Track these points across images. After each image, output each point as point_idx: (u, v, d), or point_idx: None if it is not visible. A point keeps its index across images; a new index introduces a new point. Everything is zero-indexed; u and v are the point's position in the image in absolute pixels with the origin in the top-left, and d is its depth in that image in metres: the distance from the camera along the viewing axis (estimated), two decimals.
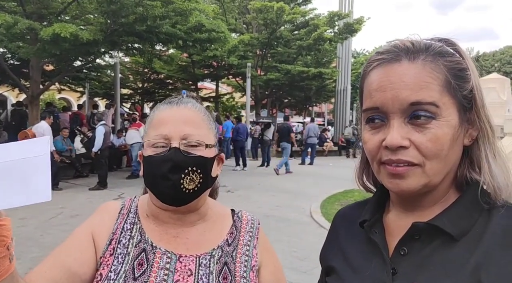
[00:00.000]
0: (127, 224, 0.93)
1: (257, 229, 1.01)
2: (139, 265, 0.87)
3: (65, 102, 23.83)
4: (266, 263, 0.98)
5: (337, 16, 18.31)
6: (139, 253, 0.88)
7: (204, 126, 0.92)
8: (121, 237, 0.91)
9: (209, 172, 0.90)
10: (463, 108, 0.65)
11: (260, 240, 0.99)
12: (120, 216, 0.95)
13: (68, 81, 16.45)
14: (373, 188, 0.81)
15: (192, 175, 0.86)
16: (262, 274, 0.96)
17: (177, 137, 0.87)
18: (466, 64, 0.66)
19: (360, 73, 0.65)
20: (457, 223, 0.64)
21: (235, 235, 0.97)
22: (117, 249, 0.89)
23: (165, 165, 0.85)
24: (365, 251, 0.74)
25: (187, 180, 0.85)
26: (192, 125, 0.89)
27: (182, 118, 0.89)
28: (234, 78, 21.01)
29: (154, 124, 0.91)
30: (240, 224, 1.00)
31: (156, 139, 0.88)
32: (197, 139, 0.88)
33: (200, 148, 0.88)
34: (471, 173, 0.68)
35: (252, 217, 1.04)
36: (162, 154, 0.86)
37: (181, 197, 0.87)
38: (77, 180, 9.91)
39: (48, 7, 10.00)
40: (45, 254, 3.71)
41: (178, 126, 0.87)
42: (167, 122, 0.88)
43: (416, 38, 0.68)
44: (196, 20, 10.61)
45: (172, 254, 0.89)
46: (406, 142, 0.63)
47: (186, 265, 0.88)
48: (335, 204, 7.66)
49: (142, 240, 0.90)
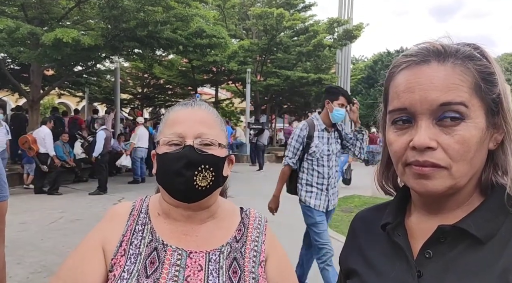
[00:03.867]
0: (138, 226, 0.95)
1: (265, 225, 1.03)
2: (151, 264, 0.89)
3: (64, 107, 23.80)
4: (272, 257, 0.99)
5: (337, 23, 18.40)
6: (150, 252, 0.90)
7: (217, 126, 0.96)
8: (132, 239, 0.93)
9: (221, 171, 0.93)
10: (490, 112, 0.65)
11: (267, 236, 1.01)
12: (131, 217, 0.97)
13: (68, 86, 16.48)
14: (393, 191, 0.80)
15: (205, 172, 0.89)
16: (267, 267, 0.98)
17: (191, 136, 0.90)
18: (493, 68, 0.66)
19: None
20: (483, 226, 0.64)
21: (243, 232, 0.99)
22: (130, 250, 0.91)
23: (180, 161, 0.88)
24: (388, 253, 0.73)
25: (200, 178, 0.88)
26: (206, 125, 0.92)
27: (197, 118, 0.93)
28: (234, 84, 21.04)
29: (169, 123, 0.94)
30: (248, 221, 1.02)
31: (171, 137, 0.91)
32: (211, 138, 0.91)
33: (213, 147, 0.91)
34: (496, 177, 0.67)
35: (260, 214, 1.07)
36: (177, 151, 0.89)
37: (193, 194, 0.89)
38: (77, 184, 9.89)
39: (49, 12, 10.04)
40: (45, 259, 3.68)
41: (192, 125, 0.91)
42: (182, 121, 0.92)
43: (446, 42, 0.68)
44: (196, 26, 10.66)
45: (183, 251, 0.91)
46: (434, 143, 0.62)
47: (196, 261, 0.90)
48: (336, 210, 7.61)
49: (153, 239, 0.92)
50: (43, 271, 4.24)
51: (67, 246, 5.01)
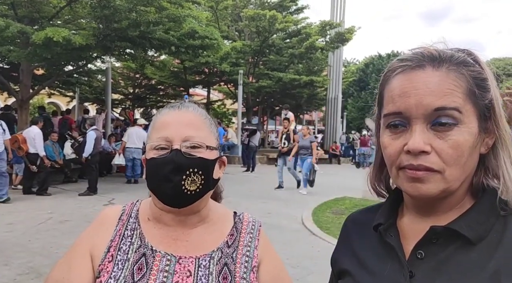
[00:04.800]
0: (127, 231, 0.94)
1: (258, 230, 1.01)
2: (139, 270, 0.87)
3: (54, 106, 23.56)
4: (265, 262, 0.98)
5: (329, 25, 18.54)
6: (139, 258, 0.89)
7: (205, 128, 0.93)
8: (121, 244, 0.91)
9: (210, 174, 0.91)
10: (482, 117, 0.66)
11: (261, 241, 1.00)
12: (120, 222, 0.95)
13: (58, 85, 16.31)
14: (385, 193, 0.81)
15: (193, 176, 0.87)
16: (260, 273, 0.96)
17: (178, 139, 0.88)
18: (486, 74, 0.67)
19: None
20: (474, 228, 0.65)
21: (235, 237, 0.98)
22: (117, 255, 0.89)
23: (167, 166, 0.86)
24: (380, 254, 0.74)
25: (188, 182, 0.87)
26: (193, 127, 0.91)
27: (184, 121, 0.91)
28: (226, 85, 21.05)
29: (156, 127, 0.92)
30: (241, 226, 1.00)
31: (158, 141, 0.89)
32: (198, 141, 0.89)
33: (201, 149, 0.89)
34: (487, 180, 0.69)
35: (254, 218, 1.05)
36: (163, 156, 0.88)
37: (183, 199, 0.88)
38: (66, 185, 9.78)
39: (40, 11, 9.94)
40: (33, 260, 3.64)
41: (179, 129, 0.89)
42: (169, 125, 0.90)
43: (440, 47, 0.69)
44: (189, 27, 10.63)
45: (172, 256, 0.90)
46: (428, 147, 0.64)
47: (185, 266, 0.89)
48: (327, 212, 7.67)
49: (142, 245, 0.91)
50: (30, 272, 4.18)
51: (55, 247, 4.95)
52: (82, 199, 8.19)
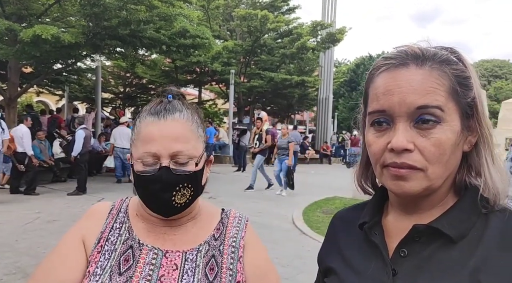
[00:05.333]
0: (116, 224, 0.95)
1: (245, 224, 1.02)
2: (125, 261, 0.88)
3: (43, 105, 23.28)
4: (251, 254, 0.97)
5: (320, 26, 18.60)
6: (125, 250, 0.90)
7: (193, 137, 0.90)
8: (109, 235, 0.93)
9: (199, 183, 0.92)
10: (465, 115, 0.67)
11: (247, 233, 1.00)
12: (110, 216, 0.97)
13: (47, 84, 16.12)
14: (371, 191, 0.82)
15: (183, 190, 0.87)
16: (245, 264, 0.95)
17: (166, 155, 0.85)
18: (469, 72, 0.68)
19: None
20: (456, 226, 0.66)
21: (221, 230, 0.98)
22: (105, 246, 0.90)
23: (156, 184, 0.85)
24: (365, 252, 0.74)
25: (178, 196, 0.87)
26: (181, 141, 0.87)
27: (171, 135, 0.87)
28: (217, 85, 21.00)
29: (141, 139, 0.88)
30: (227, 221, 1.01)
31: (145, 157, 0.86)
32: (187, 154, 0.87)
33: (191, 162, 0.88)
34: (469, 178, 0.69)
35: (241, 214, 1.05)
36: (152, 174, 0.85)
37: (172, 211, 0.90)
38: (55, 184, 9.67)
39: (28, 8, 9.79)
40: (20, 260, 3.59)
41: (167, 144, 0.86)
42: (155, 139, 0.86)
43: (424, 45, 0.69)
44: (180, 26, 10.58)
45: (159, 250, 0.90)
46: (411, 145, 0.64)
47: (172, 260, 0.90)
48: (317, 211, 7.70)
49: (129, 238, 0.92)
50: (17, 272, 4.13)
51: (42, 247, 4.89)
52: (70, 198, 8.10)
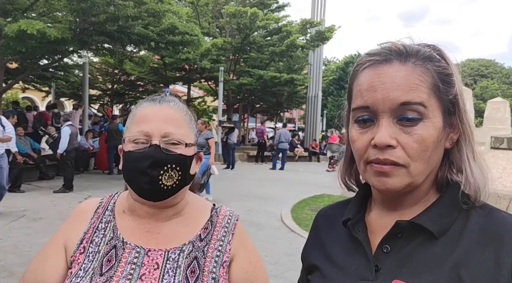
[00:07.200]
0: (101, 223, 0.95)
1: (234, 224, 1.00)
2: (108, 261, 0.89)
3: (29, 101, 22.90)
4: (239, 258, 0.97)
5: (309, 24, 18.63)
6: (109, 250, 0.90)
7: (185, 125, 0.94)
8: (94, 236, 0.93)
9: (187, 169, 0.92)
10: (447, 112, 0.67)
11: (236, 236, 0.99)
12: (95, 215, 0.97)
13: (33, 80, 15.86)
14: (355, 188, 0.82)
15: (171, 172, 0.88)
16: (232, 268, 0.95)
17: (158, 135, 0.88)
18: (451, 70, 0.68)
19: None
20: (438, 222, 0.66)
21: (209, 230, 0.97)
22: (89, 248, 0.91)
23: (145, 161, 0.87)
24: (348, 249, 0.75)
25: (165, 177, 0.88)
26: (173, 124, 0.91)
27: (164, 117, 0.91)
28: (206, 82, 20.91)
29: (136, 120, 0.92)
30: (216, 219, 1.00)
31: (137, 135, 0.89)
32: (178, 137, 0.90)
33: (180, 146, 0.90)
34: (451, 174, 0.70)
35: (231, 212, 1.03)
36: (142, 150, 0.88)
37: (158, 193, 0.89)
38: (41, 182, 9.52)
39: (13, 3, 9.62)
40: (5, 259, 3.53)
41: (159, 124, 0.89)
42: (149, 119, 0.90)
43: (407, 42, 0.70)
44: (169, 22, 10.50)
45: (141, 249, 0.91)
46: (394, 141, 0.64)
47: (153, 259, 0.90)
48: (306, 209, 7.74)
49: (114, 237, 0.92)
50: (2, 271, 4.06)
51: (28, 246, 4.82)
52: (57, 196, 8.00)
